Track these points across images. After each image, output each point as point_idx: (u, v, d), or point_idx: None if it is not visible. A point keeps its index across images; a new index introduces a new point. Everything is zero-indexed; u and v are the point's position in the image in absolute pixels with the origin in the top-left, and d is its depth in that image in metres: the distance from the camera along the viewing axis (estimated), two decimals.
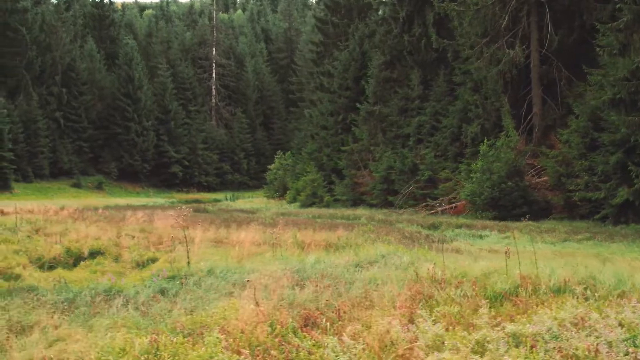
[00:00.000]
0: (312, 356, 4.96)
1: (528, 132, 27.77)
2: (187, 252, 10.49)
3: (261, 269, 10.06)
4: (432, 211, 26.16)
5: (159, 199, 51.17)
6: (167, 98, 61.26)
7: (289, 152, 47.10)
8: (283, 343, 5.03)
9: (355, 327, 5.68)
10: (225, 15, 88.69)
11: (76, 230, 17.55)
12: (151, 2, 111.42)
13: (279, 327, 5.30)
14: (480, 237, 18.67)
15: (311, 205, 33.24)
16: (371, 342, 5.03)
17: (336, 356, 4.77)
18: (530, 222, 21.53)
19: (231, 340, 4.91)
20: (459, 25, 28.06)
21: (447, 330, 5.55)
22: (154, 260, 11.69)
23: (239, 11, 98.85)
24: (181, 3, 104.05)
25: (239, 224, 18.62)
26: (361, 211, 27.90)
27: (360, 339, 5.20)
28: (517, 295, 7.69)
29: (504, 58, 26.85)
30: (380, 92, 34.02)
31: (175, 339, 5.28)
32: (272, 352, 4.88)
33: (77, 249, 12.26)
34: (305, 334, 5.41)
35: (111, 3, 68.30)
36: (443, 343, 5.24)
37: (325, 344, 5.23)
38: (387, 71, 34.37)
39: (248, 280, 7.21)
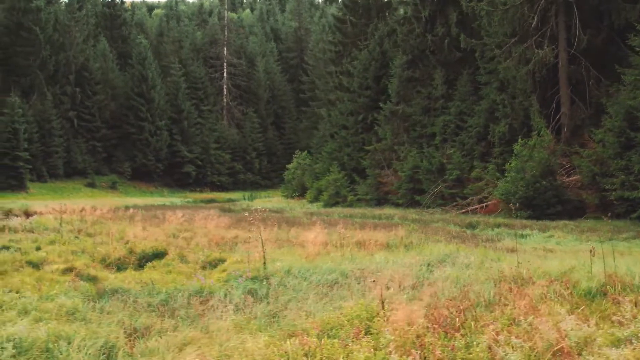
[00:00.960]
0: (471, 355, 4.93)
1: (556, 132, 27.73)
2: (264, 252, 10.45)
3: (337, 269, 10.06)
4: (463, 210, 26.14)
5: (174, 199, 51.10)
6: (180, 98, 61.22)
7: (306, 151, 47.03)
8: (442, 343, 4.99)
9: (495, 326, 5.64)
10: (234, 15, 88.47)
11: (120, 231, 17.54)
12: (159, 1, 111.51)
13: (433, 326, 5.25)
14: (522, 236, 18.59)
15: (334, 205, 33.18)
16: (531, 342, 5.00)
17: (505, 354, 4.72)
18: (566, 221, 21.57)
19: (396, 340, 4.86)
20: (488, 25, 28.00)
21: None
22: (221, 260, 11.63)
23: (247, 10, 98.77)
24: (190, 2, 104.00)
25: (290, 224, 18.61)
26: (390, 210, 27.85)
27: (515, 338, 5.15)
28: (605, 294, 7.67)
29: (533, 58, 26.82)
30: (403, 92, 33.97)
31: (322, 341, 5.24)
32: (436, 352, 4.84)
33: (141, 250, 12.22)
34: (454, 333, 5.38)
35: (122, 2, 68.25)
36: (594, 340, 5.22)
37: (475, 343, 5.20)
38: (409, 71, 34.32)
39: (374, 281, 7.14)
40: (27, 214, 27.06)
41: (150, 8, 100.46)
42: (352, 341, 5.29)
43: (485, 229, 20.40)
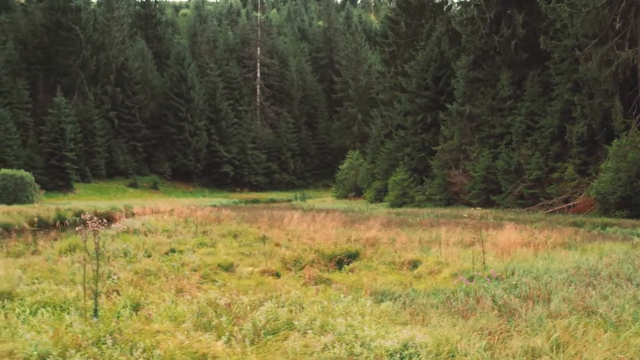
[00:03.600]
0: None
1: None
2: (483, 252, 10.50)
3: (563, 268, 10.03)
4: (549, 210, 26.20)
5: (217, 199, 50.97)
6: (218, 98, 61.27)
7: (357, 151, 47.07)
8: None
9: None
10: (260, 15, 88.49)
11: (253, 232, 17.59)
12: (180, 1, 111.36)
13: None
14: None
15: (402, 205, 33.20)
16: None
17: None
18: None
19: None
20: (570, 27, 28.02)
21: None
22: (416, 261, 11.67)
23: (274, 10, 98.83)
24: (214, 2, 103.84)
25: (410, 226, 18.61)
26: (471, 210, 27.77)
27: None
28: None
29: (615, 60, 26.86)
30: (470, 92, 34.04)
31: None
32: None
33: (331, 252, 12.25)
34: None
35: (156, 2, 68.23)
36: None
37: None
38: (475, 71, 34.38)
39: None
40: (109, 217, 27.24)
41: (177, 8, 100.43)
42: None
43: (594, 228, 20.40)
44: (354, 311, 6.96)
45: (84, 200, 42.52)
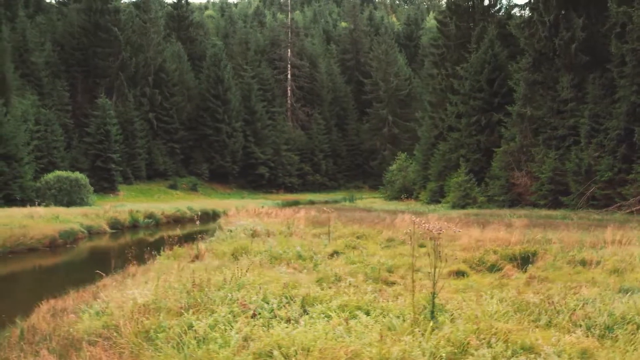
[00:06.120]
0: None
1: None
2: None
3: None
4: (627, 210, 26.49)
5: (256, 200, 51.01)
6: (253, 99, 61.51)
7: (405, 153, 47.35)
8: None
9: None
10: (283, 17, 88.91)
11: (379, 233, 17.73)
12: (200, 2, 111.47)
13: None
14: None
15: (465, 206, 33.46)
16: None
17: None
18: None
19: None
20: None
21: None
22: (596, 261, 11.85)
23: (296, 12, 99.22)
24: (236, 3, 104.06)
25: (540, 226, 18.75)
26: (544, 211, 28.16)
27: None
28: None
29: None
30: (530, 95, 34.33)
31: None
32: None
33: (510, 252, 12.46)
34: None
35: (188, 4, 68.44)
36: None
37: None
38: (535, 74, 34.67)
39: None
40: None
41: (200, 9, 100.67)
42: None
43: None
44: None
45: (131, 202, 42.60)
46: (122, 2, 56.52)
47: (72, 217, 25.79)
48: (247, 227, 18.27)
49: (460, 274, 11.40)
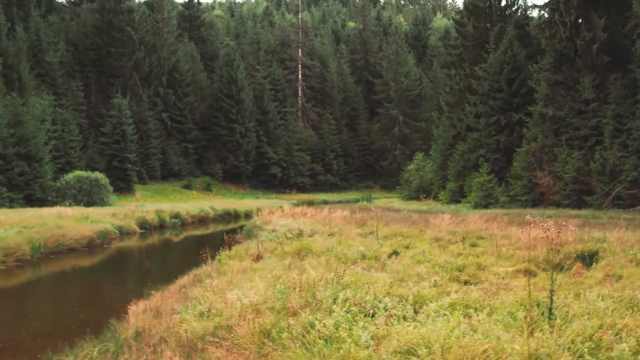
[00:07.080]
0: None
1: None
2: None
3: None
4: None
5: (271, 201, 51.00)
6: (265, 99, 61.62)
7: (422, 153, 47.48)
8: None
9: None
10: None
11: (420, 232, 17.82)
12: (207, 2, 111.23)
13: None
14: None
15: (487, 206, 33.58)
16: None
17: None
18: None
19: None
20: None
21: None
22: None
23: (305, 12, 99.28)
24: (244, 3, 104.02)
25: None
26: (571, 211, 28.31)
27: None
28: None
29: None
30: (552, 95, 34.47)
31: None
32: None
33: (571, 250, 12.57)
34: None
35: (199, 3, 68.47)
36: None
37: None
38: (556, 74, 34.81)
39: None
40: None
41: (208, 9, 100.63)
42: None
43: None
44: None
45: (150, 202, 42.64)
46: (135, 1, 56.22)
47: (102, 218, 25.84)
48: (292, 227, 18.28)
49: (528, 272, 11.52)
